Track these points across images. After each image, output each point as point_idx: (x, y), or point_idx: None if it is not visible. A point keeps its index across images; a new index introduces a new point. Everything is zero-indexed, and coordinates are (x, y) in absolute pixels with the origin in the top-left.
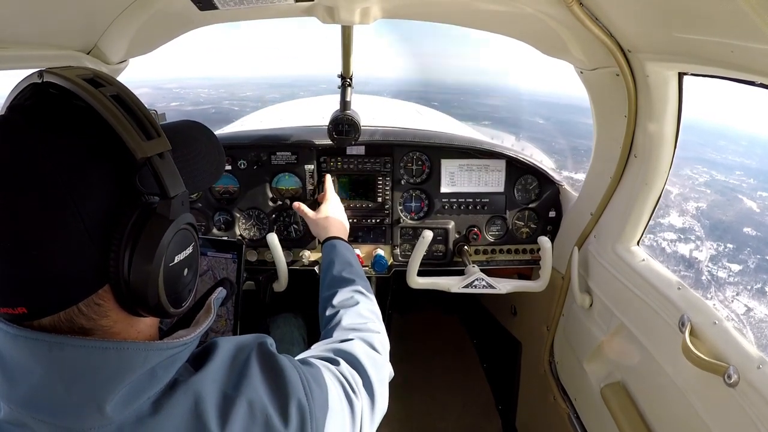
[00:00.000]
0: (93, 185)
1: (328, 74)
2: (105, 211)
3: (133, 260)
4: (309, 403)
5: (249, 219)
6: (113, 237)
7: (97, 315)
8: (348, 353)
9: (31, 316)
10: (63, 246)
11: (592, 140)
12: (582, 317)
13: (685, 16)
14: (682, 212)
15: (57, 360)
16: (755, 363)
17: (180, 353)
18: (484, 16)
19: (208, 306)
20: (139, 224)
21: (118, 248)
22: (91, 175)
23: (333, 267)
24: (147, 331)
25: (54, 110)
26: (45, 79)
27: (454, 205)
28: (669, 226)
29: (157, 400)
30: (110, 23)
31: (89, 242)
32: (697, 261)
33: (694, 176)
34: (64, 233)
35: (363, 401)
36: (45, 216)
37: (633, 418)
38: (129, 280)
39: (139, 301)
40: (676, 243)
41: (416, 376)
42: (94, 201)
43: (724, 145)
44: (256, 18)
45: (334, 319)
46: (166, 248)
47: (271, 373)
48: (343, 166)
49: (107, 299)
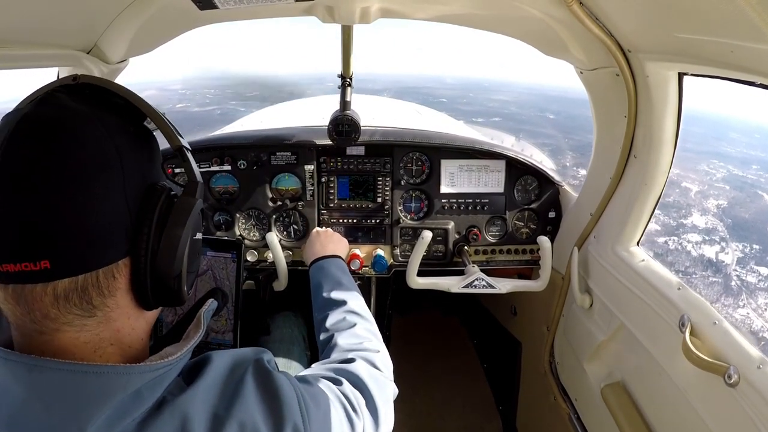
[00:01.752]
0: (137, 159)
1: (336, 71)
2: (142, 184)
3: (166, 229)
4: (305, 426)
5: (249, 219)
6: (148, 207)
7: (108, 291)
8: (350, 373)
9: (53, 272)
10: (103, 203)
11: None
12: (582, 317)
13: (685, 16)
14: (704, 211)
15: (36, 382)
16: (755, 363)
17: (168, 372)
18: (484, 16)
19: (198, 319)
20: (170, 199)
21: (152, 218)
22: (136, 149)
23: (322, 289)
24: (140, 334)
25: (97, 96)
26: (80, 81)
27: (454, 205)
28: (692, 226)
29: (142, 421)
30: (110, 23)
31: (126, 207)
32: (725, 265)
33: (711, 171)
34: (107, 192)
35: (365, 421)
36: (95, 170)
37: (633, 418)
38: (158, 248)
39: (162, 272)
40: (701, 245)
41: (416, 376)
42: (137, 173)
43: (737, 138)
44: (256, 17)
45: (330, 342)
46: (195, 220)
47: (267, 393)
48: (343, 166)
49: (123, 275)
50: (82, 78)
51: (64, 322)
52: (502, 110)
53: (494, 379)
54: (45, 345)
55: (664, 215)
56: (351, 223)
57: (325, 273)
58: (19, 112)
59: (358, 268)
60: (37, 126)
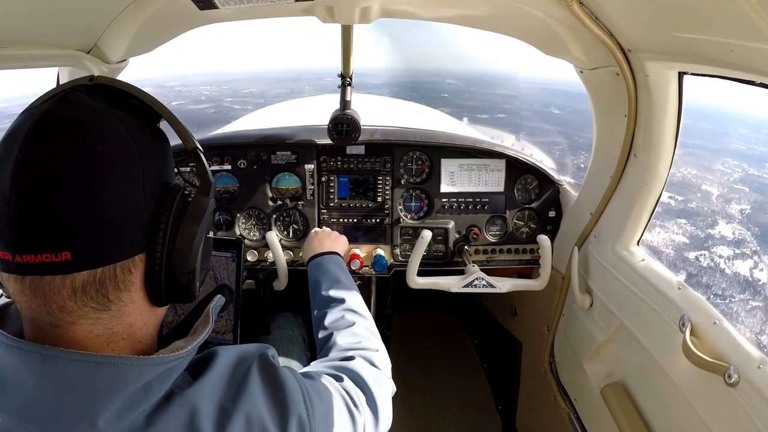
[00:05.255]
0: (154, 158)
1: (334, 68)
2: (159, 183)
3: (182, 226)
4: (309, 418)
5: (249, 219)
6: (164, 205)
7: (124, 285)
8: (351, 370)
9: (73, 264)
10: (123, 200)
11: None
12: (582, 317)
13: (685, 16)
14: (729, 218)
15: (50, 373)
16: (755, 363)
17: (177, 365)
18: (484, 16)
19: (206, 314)
20: (185, 197)
21: (168, 215)
22: (153, 149)
23: (320, 287)
24: (150, 329)
25: (114, 96)
26: (96, 81)
27: (454, 204)
28: (720, 237)
29: (151, 413)
30: (110, 23)
31: (144, 204)
32: (762, 284)
33: (728, 171)
34: (128, 188)
35: (366, 417)
36: (116, 167)
37: (633, 418)
38: (175, 246)
39: (177, 268)
40: (733, 261)
41: (416, 376)
42: (154, 171)
43: (745, 134)
44: (256, 17)
45: (330, 341)
46: (210, 218)
47: (272, 386)
48: (343, 165)
49: (138, 270)
50: (99, 79)
51: (80, 315)
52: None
53: (494, 378)
54: (59, 338)
55: (690, 225)
56: (351, 222)
57: (323, 270)
58: (38, 109)
59: (358, 267)
60: (60, 122)
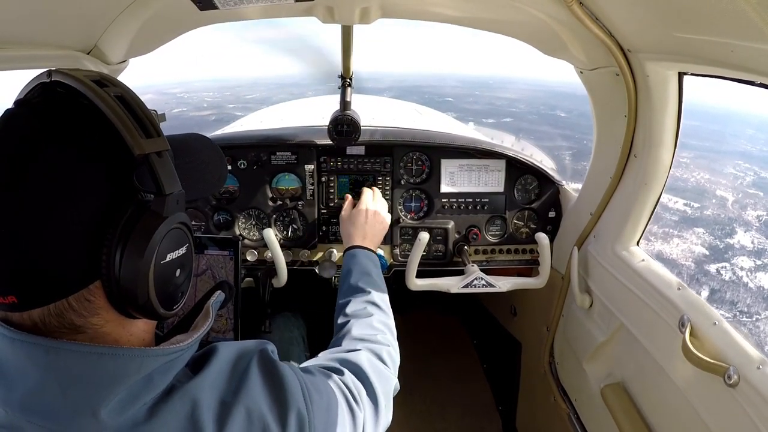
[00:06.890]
0: (90, 182)
1: (337, 71)
2: (100, 207)
3: (125, 255)
4: (309, 413)
5: (249, 219)
6: (106, 232)
7: (87, 312)
8: (353, 363)
9: (21, 305)
10: (55, 238)
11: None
12: (582, 317)
13: (685, 16)
14: (747, 226)
15: (53, 364)
16: (755, 363)
17: (178, 358)
18: (484, 17)
19: (206, 310)
20: (132, 220)
21: (111, 243)
22: (89, 172)
23: (350, 276)
24: (140, 335)
25: (58, 108)
26: (53, 78)
27: (454, 205)
28: (740, 248)
29: (153, 406)
30: (110, 23)
31: (82, 236)
32: None
33: (740, 175)
34: (58, 226)
35: (366, 412)
36: (39, 208)
37: (633, 418)
38: (119, 276)
39: (129, 298)
40: (755, 273)
41: (416, 376)
42: (90, 197)
43: (753, 135)
44: (256, 18)
45: (345, 327)
46: (158, 244)
47: (272, 381)
48: (343, 166)
49: (98, 296)
50: (56, 74)
51: (60, 334)
52: (511, 109)
53: (494, 379)
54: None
55: (709, 234)
56: None
57: (356, 261)
58: None
59: None
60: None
